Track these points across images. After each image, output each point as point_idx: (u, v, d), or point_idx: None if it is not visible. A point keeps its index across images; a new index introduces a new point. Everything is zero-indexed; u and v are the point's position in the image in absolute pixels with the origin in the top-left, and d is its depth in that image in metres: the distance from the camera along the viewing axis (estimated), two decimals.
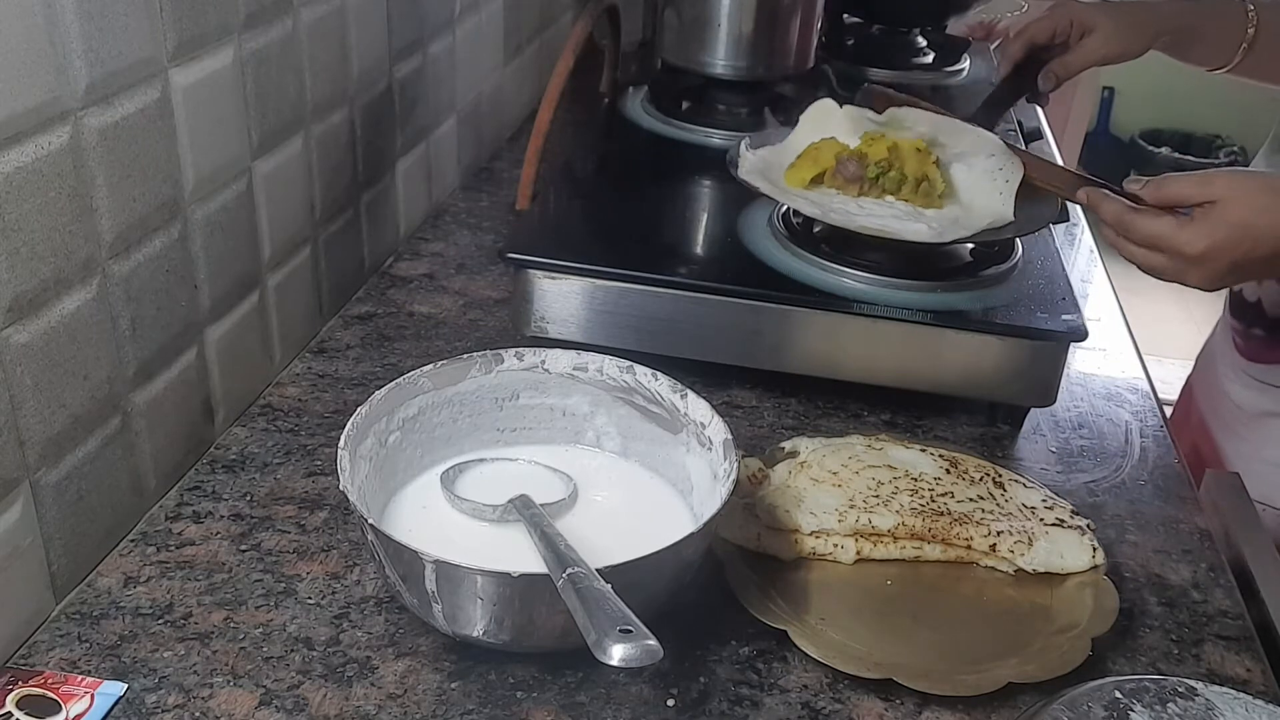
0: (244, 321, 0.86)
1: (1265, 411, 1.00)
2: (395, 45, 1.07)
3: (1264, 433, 1.00)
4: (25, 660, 0.65)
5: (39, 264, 0.63)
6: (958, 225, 0.93)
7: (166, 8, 0.71)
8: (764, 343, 0.91)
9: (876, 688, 0.66)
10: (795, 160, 0.98)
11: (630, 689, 0.65)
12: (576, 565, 0.59)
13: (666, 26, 1.26)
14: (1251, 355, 1.02)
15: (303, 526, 0.77)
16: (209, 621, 0.68)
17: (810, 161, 0.97)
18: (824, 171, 0.97)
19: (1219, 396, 1.07)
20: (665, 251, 0.99)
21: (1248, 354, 1.02)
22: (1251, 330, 1.01)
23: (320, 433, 0.86)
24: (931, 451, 0.82)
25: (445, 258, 1.14)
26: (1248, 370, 1.02)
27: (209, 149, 0.78)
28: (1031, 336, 0.88)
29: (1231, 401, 1.05)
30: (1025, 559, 0.74)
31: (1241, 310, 1.03)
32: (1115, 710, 0.59)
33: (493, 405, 0.78)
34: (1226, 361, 1.06)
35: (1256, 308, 1.00)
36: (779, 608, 0.70)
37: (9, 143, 0.60)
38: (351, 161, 1.01)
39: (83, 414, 0.69)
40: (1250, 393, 1.02)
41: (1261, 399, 1.01)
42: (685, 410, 0.75)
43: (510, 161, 1.38)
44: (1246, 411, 1.03)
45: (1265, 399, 1.00)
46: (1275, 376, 1.00)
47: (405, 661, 0.66)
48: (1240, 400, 1.04)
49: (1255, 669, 0.70)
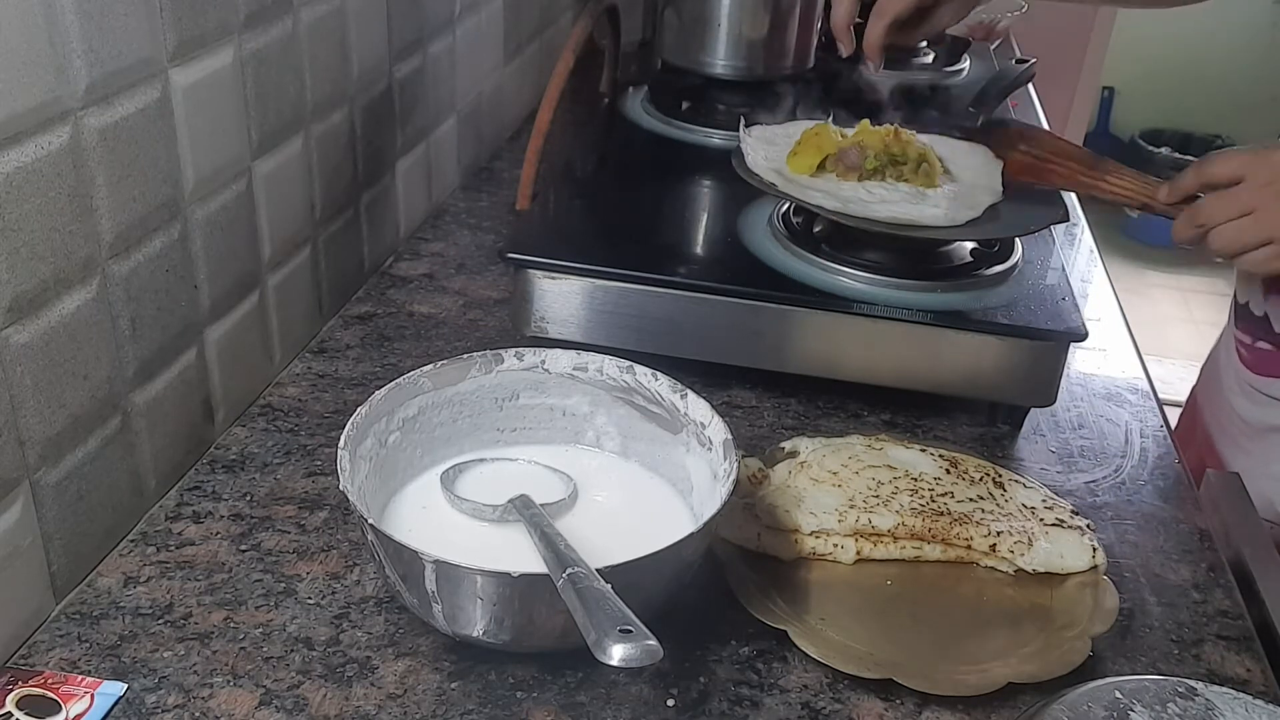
0: (244, 321, 0.86)
1: (1270, 426, 1.00)
2: (395, 45, 1.07)
3: (1267, 447, 1.00)
4: (25, 660, 0.65)
5: (39, 264, 0.63)
6: (959, 201, 0.93)
7: (166, 8, 0.71)
8: (764, 343, 0.91)
9: (876, 688, 0.66)
10: (796, 147, 0.99)
11: (630, 689, 0.65)
12: (576, 565, 0.59)
13: (666, 26, 1.26)
14: (1256, 368, 1.01)
15: (303, 526, 0.77)
16: (209, 621, 0.68)
17: (813, 148, 0.97)
18: (827, 157, 0.97)
19: (1224, 410, 1.07)
20: (665, 251, 0.99)
21: (1253, 367, 1.02)
22: (1257, 344, 1.01)
23: (320, 433, 0.86)
24: (931, 451, 0.82)
25: (445, 258, 1.14)
26: (1252, 383, 1.01)
27: (209, 149, 0.78)
28: (1031, 336, 0.88)
29: (1236, 415, 1.04)
30: (1025, 559, 0.74)
31: (1247, 322, 1.02)
32: (1115, 710, 0.59)
33: (493, 405, 0.78)
34: (1231, 374, 1.06)
35: (1264, 322, 0.99)
36: (779, 608, 0.70)
37: (9, 143, 0.60)
38: (351, 161, 1.01)
39: (83, 414, 0.69)
40: (1256, 407, 1.01)
41: (1266, 413, 1.00)
42: (685, 410, 0.75)
43: (510, 161, 1.38)
44: (1251, 425, 1.02)
45: (1270, 413, 0.99)
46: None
47: (405, 661, 0.66)
48: (1245, 414, 1.03)
49: (1255, 669, 0.70)
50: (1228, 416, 1.06)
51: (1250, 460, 1.01)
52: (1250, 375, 1.02)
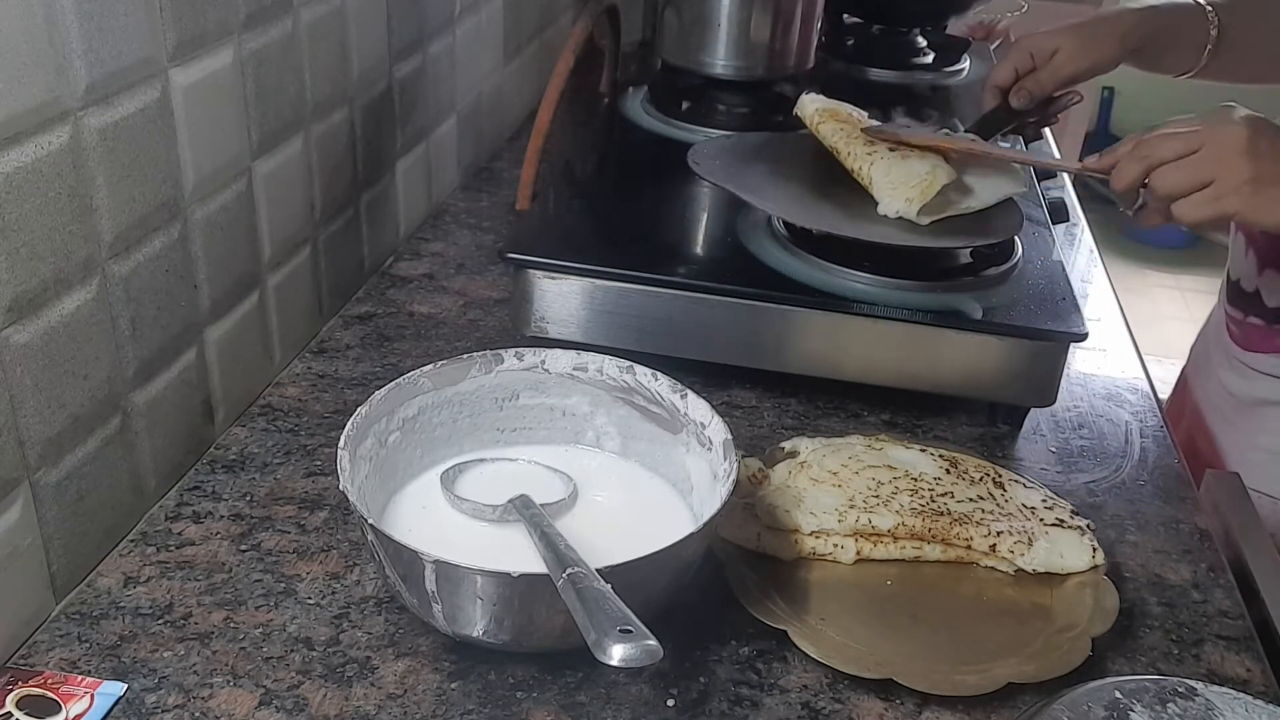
0: (244, 321, 0.86)
1: (1259, 400, 1.01)
2: (395, 45, 1.07)
3: (1257, 421, 1.01)
4: (25, 660, 0.65)
5: (39, 264, 0.63)
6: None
7: (166, 8, 0.71)
8: (764, 343, 0.91)
9: (876, 688, 0.66)
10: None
11: (630, 689, 0.65)
12: (576, 565, 0.59)
13: (666, 26, 1.26)
14: (1246, 344, 1.03)
15: (303, 526, 0.77)
16: (209, 621, 0.68)
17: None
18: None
19: (1213, 385, 1.08)
20: (665, 251, 0.99)
21: (1242, 342, 1.03)
22: (1248, 319, 1.02)
23: (320, 433, 0.86)
24: (931, 451, 0.82)
25: (445, 258, 1.14)
26: (1241, 359, 1.03)
27: (209, 149, 0.78)
28: (1031, 336, 0.88)
29: (1225, 390, 1.06)
30: (1025, 559, 0.74)
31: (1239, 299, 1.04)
32: (1115, 710, 0.59)
33: (493, 405, 0.78)
34: (1220, 350, 1.07)
35: (1255, 297, 1.00)
36: (779, 608, 0.70)
37: (9, 143, 0.60)
38: (351, 161, 1.01)
39: (83, 414, 0.69)
40: (1244, 381, 1.03)
41: (1255, 387, 1.01)
42: (685, 410, 0.75)
43: (510, 161, 1.38)
44: (1240, 400, 1.03)
45: (1259, 387, 1.01)
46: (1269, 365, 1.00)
47: (405, 661, 0.66)
48: (1234, 389, 1.04)
49: (1255, 669, 0.70)
50: (1216, 392, 1.07)
51: (1237, 434, 1.02)
52: (1239, 351, 1.03)
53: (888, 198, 0.93)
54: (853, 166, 0.98)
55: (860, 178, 0.97)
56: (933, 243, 0.92)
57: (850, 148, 0.99)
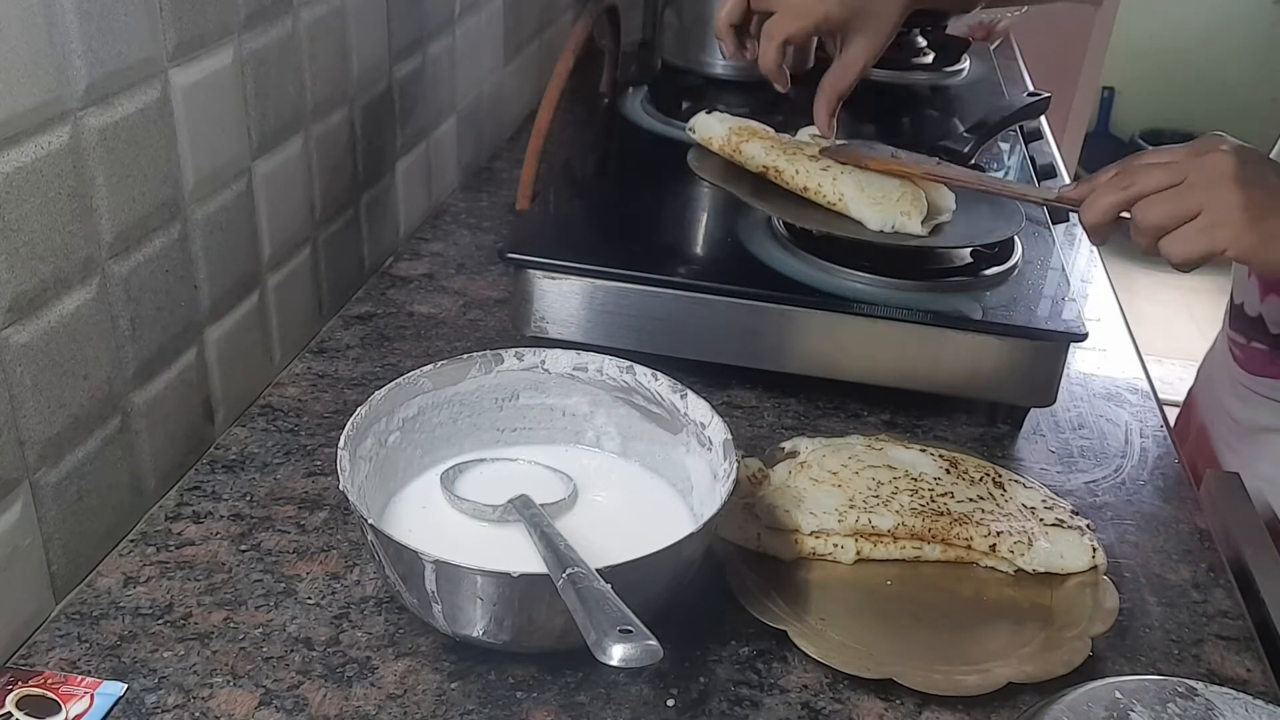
0: (244, 321, 0.86)
1: (1260, 426, 1.00)
2: (395, 45, 1.07)
3: (1257, 448, 1.00)
4: (25, 660, 0.65)
5: (39, 264, 0.63)
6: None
7: (166, 8, 0.71)
8: (764, 343, 0.91)
9: (876, 688, 0.66)
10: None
11: (630, 689, 0.65)
12: (576, 565, 0.59)
13: (666, 26, 1.26)
14: (1250, 368, 1.02)
15: (303, 526, 0.77)
16: (209, 621, 0.68)
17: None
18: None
19: (1217, 410, 1.07)
20: (665, 251, 0.99)
21: (1246, 366, 1.02)
22: (1252, 344, 1.01)
23: (320, 433, 0.86)
24: (931, 451, 0.82)
25: (445, 258, 1.14)
26: (1244, 383, 1.02)
27: (209, 149, 0.78)
28: (1031, 336, 0.88)
29: (1228, 415, 1.04)
30: (1025, 559, 0.74)
31: (1242, 323, 1.03)
32: (1115, 710, 0.59)
33: (493, 405, 0.78)
34: (1225, 374, 1.06)
35: (1258, 322, 0.99)
36: (779, 608, 0.70)
37: (9, 143, 0.60)
38: (351, 161, 1.01)
39: (83, 414, 0.69)
40: (1247, 407, 1.02)
41: (1257, 413, 1.00)
42: (685, 410, 0.75)
43: (510, 161, 1.38)
44: (1242, 425, 1.02)
45: (1261, 413, 1.00)
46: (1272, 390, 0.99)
47: (405, 661, 0.66)
48: (1236, 414, 1.03)
49: (1255, 669, 0.70)
50: (1220, 417, 1.06)
51: (1240, 460, 1.01)
52: (1243, 375, 1.02)
53: (872, 213, 0.90)
54: (805, 185, 0.93)
55: (816, 196, 0.92)
56: (933, 243, 0.92)
57: (795, 165, 0.94)
